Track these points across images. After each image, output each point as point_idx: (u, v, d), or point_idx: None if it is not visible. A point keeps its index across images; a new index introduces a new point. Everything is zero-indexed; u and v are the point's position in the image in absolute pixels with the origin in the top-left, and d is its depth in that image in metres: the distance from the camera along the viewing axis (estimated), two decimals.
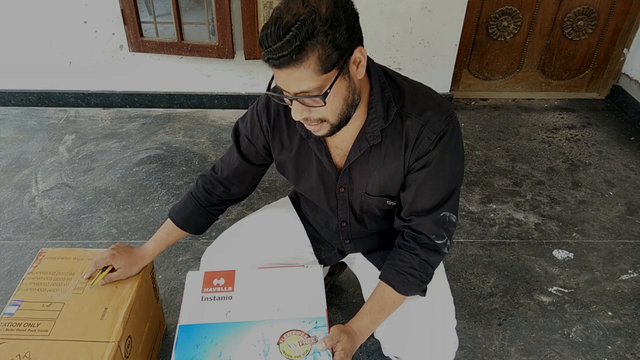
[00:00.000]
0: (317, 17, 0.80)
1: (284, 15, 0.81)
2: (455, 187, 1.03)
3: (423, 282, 1.06)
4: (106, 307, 1.21)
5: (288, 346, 1.03)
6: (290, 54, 0.80)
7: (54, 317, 1.17)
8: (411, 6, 2.55)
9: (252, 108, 1.13)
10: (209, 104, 2.84)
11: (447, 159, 0.99)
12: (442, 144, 0.97)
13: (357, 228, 1.20)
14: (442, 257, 1.07)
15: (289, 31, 0.79)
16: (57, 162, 2.38)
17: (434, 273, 1.08)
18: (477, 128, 2.74)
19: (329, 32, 0.81)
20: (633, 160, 2.49)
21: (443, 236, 1.04)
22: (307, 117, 0.92)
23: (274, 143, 1.11)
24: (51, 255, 1.34)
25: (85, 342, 1.12)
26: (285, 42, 0.80)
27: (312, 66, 0.83)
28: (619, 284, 1.81)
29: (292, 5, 0.81)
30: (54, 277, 1.28)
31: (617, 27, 2.82)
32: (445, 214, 1.02)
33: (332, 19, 0.81)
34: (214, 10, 2.37)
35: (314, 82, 0.85)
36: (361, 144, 1.01)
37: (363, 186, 1.08)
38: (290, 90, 0.87)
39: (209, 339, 1.03)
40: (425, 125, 0.96)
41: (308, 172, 1.12)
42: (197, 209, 1.24)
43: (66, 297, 1.22)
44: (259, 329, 1.05)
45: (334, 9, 0.81)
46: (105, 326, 1.16)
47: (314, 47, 0.81)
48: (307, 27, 0.79)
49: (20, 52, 2.65)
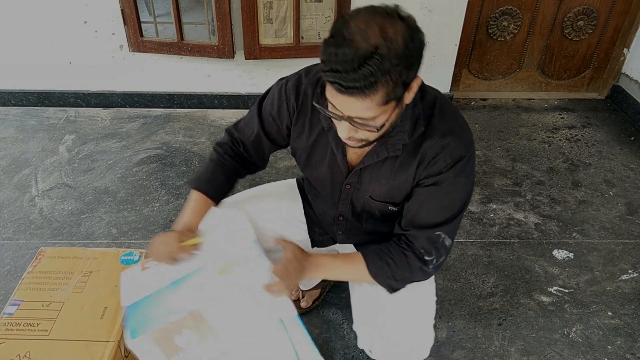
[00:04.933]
0: (394, 52, 0.78)
1: (359, 40, 0.78)
2: (458, 213, 1.03)
3: (395, 279, 1.06)
4: (106, 307, 1.21)
5: (227, 270, 1.05)
6: (363, 88, 0.79)
7: (54, 316, 1.17)
8: (411, 6, 2.51)
9: (281, 86, 1.11)
10: (209, 104, 2.84)
11: (457, 184, 1.00)
12: (456, 169, 0.98)
13: (353, 224, 1.21)
14: (425, 275, 1.06)
15: (365, 63, 0.77)
16: (57, 162, 2.38)
17: (406, 284, 1.07)
18: (477, 128, 2.74)
19: (402, 72, 0.81)
20: (633, 160, 2.49)
21: (432, 254, 1.03)
22: (352, 136, 0.92)
23: (296, 125, 1.10)
24: (51, 254, 1.34)
25: (85, 341, 1.13)
26: (361, 75, 0.78)
27: (377, 100, 0.82)
28: (619, 284, 1.81)
29: (369, 31, 0.79)
30: (53, 276, 1.28)
31: (617, 27, 2.82)
32: (440, 234, 1.02)
33: (406, 56, 0.80)
34: (214, 10, 2.37)
35: (372, 112, 0.85)
36: (380, 152, 1.01)
37: (369, 190, 1.09)
38: (346, 113, 0.87)
39: (154, 304, 1.04)
40: (445, 148, 0.97)
41: (320, 161, 1.12)
42: (226, 179, 1.20)
43: (66, 297, 1.22)
44: (199, 277, 1.07)
45: (409, 43, 0.80)
46: (105, 325, 1.16)
47: (386, 83, 0.80)
48: (384, 65, 0.78)
49: (20, 52, 2.65)
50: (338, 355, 1.52)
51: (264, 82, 2.75)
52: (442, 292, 1.75)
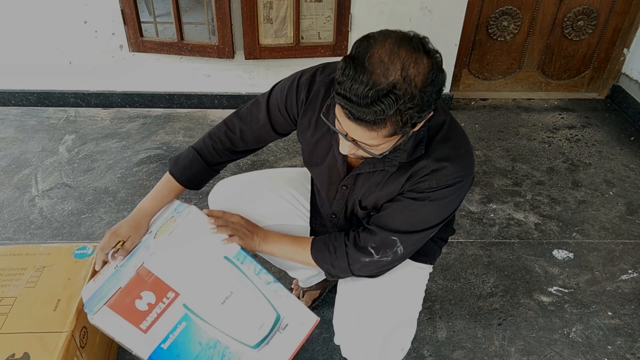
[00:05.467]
0: (410, 94, 0.77)
1: (379, 75, 0.76)
2: (422, 230, 1.03)
3: (333, 266, 1.11)
4: (59, 299, 1.21)
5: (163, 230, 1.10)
6: (372, 123, 0.79)
7: (6, 311, 1.17)
8: (411, 6, 2.54)
9: (295, 77, 1.10)
10: (209, 104, 2.84)
11: (433, 206, 1.00)
12: (438, 193, 0.98)
13: (344, 224, 1.23)
14: (365, 267, 1.08)
15: (379, 100, 0.76)
16: (57, 162, 2.38)
17: (349, 271, 1.10)
18: (477, 128, 2.74)
19: (414, 115, 0.80)
20: (633, 160, 2.49)
21: (379, 252, 1.05)
22: (353, 153, 0.93)
23: (303, 119, 1.11)
24: (3, 252, 1.35)
25: (38, 333, 1.13)
26: (372, 111, 0.77)
27: (383, 133, 0.82)
28: (619, 284, 1.81)
29: (390, 66, 0.76)
30: (5, 273, 1.28)
31: (617, 27, 2.82)
32: (396, 240, 1.03)
33: (423, 99, 0.78)
34: (214, 10, 2.37)
35: (376, 141, 0.85)
36: (377, 164, 1.02)
37: (360, 193, 1.10)
38: (351, 135, 0.87)
39: (105, 285, 1.07)
40: (435, 172, 0.97)
41: (321, 159, 1.13)
42: (204, 169, 1.22)
43: (18, 292, 1.22)
44: (139, 250, 1.12)
45: (430, 86, 0.79)
46: (58, 317, 1.16)
47: (396, 122, 0.79)
48: (398, 106, 0.77)
49: (20, 52, 2.65)
50: (338, 355, 1.52)
51: (264, 82, 2.75)
52: (442, 292, 1.75)
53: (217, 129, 1.21)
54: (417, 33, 0.81)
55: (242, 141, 1.19)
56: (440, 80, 0.81)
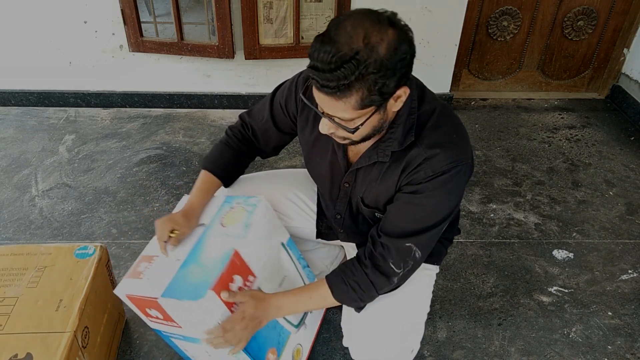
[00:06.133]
0: (373, 60, 0.78)
1: (342, 43, 0.78)
2: (432, 226, 1.01)
3: (362, 300, 1.07)
4: (61, 299, 1.21)
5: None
6: (335, 89, 0.80)
7: (8, 311, 1.17)
8: (411, 6, 2.55)
9: (295, 77, 1.14)
10: (209, 104, 2.84)
11: (435, 197, 0.98)
12: (436, 182, 0.96)
13: (350, 224, 1.22)
14: (391, 285, 1.06)
15: (341, 66, 0.78)
16: (57, 162, 2.38)
17: (376, 296, 1.08)
18: (477, 128, 2.74)
19: (378, 81, 0.80)
20: (633, 160, 2.49)
21: (400, 266, 1.02)
22: (333, 132, 0.94)
23: (301, 117, 1.13)
24: (3, 252, 1.34)
25: (40, 333, 1.13)
26: (335, 76, 0.79)
27: (351, 103, 0.83)
28: (619, 284, 1.81)
29: (352, 33, 0.79)
30: (6, 273, 1.28)
31: (617, 27, 2.82)
32: (411, 246, 1.01)
33: (387, 66, 0.79)
34: (214, 10, 2.37)
35: (348, 114, 0.85)
36: (371, 155, 1.02)
37: (362, 190, 1.10)
38: (325, 110, 0.88)
39: (188, 276, 1.08)
40: (428, 160, 0.96)
41: (321, 157, 1.14)
42: (233, 158, 1.24)
43: (20, 292, 1.22)
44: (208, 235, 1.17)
45: (393, 54, 0.80)
46: (60, 317, 1.16)
47: (359, 89, 0.80)
48: (359, 70, 0.78)
49: (20, 52, 2.65)
50: (338, 355, 1.52)
51: (264, 82, 2.75)
52: (442, 292, 1.75)
53: (236, 123, 1.28)
54: (391, 11, 0.83)
55: (254, 136, 1.24)
56: (405, 50, 0.82)
